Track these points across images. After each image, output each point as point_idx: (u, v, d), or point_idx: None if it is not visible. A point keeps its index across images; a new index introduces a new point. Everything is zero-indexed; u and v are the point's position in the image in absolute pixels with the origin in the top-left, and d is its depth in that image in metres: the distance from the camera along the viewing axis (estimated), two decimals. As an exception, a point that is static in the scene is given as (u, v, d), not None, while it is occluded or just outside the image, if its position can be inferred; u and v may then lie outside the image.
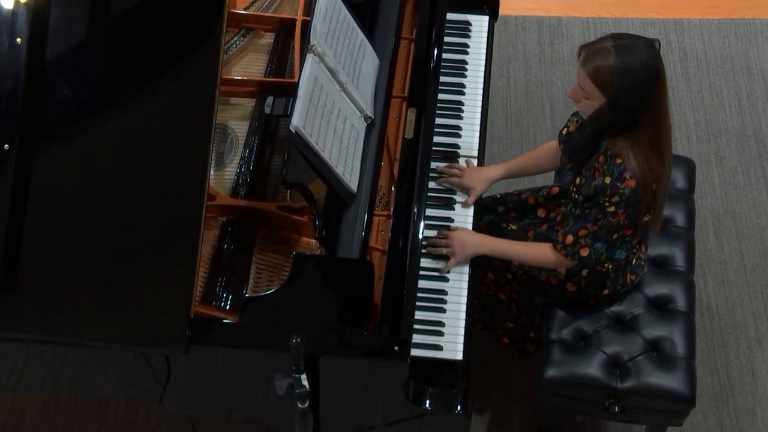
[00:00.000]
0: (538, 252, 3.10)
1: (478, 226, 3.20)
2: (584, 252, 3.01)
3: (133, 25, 2.96)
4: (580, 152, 3.03)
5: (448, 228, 3.14)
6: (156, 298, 2.74)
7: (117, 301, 2.75)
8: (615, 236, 2.99)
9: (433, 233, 3.12)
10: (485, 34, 3.55)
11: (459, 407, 2.83)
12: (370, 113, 3.16)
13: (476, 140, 3.34)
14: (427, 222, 3.10)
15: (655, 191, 2.93)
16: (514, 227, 3.32)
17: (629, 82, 2.80)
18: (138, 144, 2.86)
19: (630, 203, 2.90)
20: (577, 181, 3.05)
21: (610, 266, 3.11)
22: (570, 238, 3.01)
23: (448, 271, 3.06)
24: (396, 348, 2.77)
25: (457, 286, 3.05)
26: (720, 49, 4.62)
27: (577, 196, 3.03)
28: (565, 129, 3.18)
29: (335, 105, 3.01)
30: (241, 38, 3.41)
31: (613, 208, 2.92)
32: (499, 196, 3.43)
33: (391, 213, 3.04)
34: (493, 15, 3.59)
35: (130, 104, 2.88)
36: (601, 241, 2.99)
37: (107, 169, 2.83)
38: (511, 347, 3.57)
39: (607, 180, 2.91)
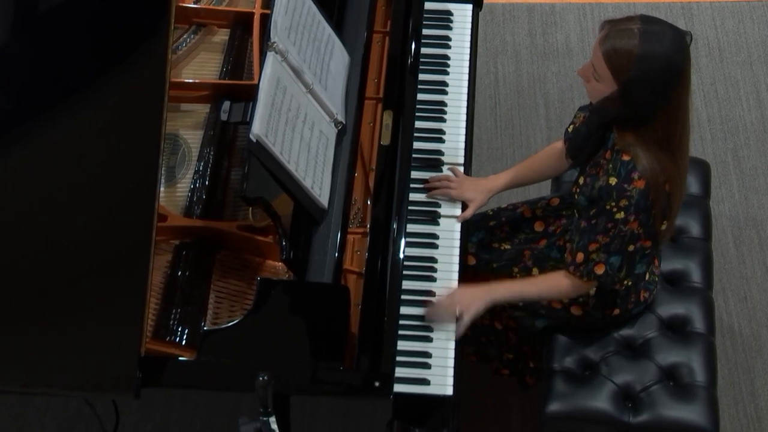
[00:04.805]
0: (552, 283, 3.08)
1: (466, 247, 3.19)
2: (599, 270, 2.99)
3: (65, 22, 2.95)
4: (584, 147, 3.04)
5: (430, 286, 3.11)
6: (100, 334, 2.72)
7: (54, 339, 2.72)
8: (632, 248, 2.98)
9: (416, 251, 3.11)
10: (469, 25, 3.56)
11: (450, 450, 2.83)
12: (340, 117, 3.16)
13: (462, 145, 3.34)
14: (408, 239, 3.10)
15: (669, 193, 2.93)
16: (507, 246, 3.32)
17: (645, 73, 2.79)
18: (75, 159, 2.84)
19: (641, 208, 2.90)
20: (581, 181, 3.04)
21: (630, 283, 3.11)
22: (580, 256, 2.99)
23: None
24: (377, 384, 2.76)
25: (445, 311, 3.05)
26: (734, 35, 4.65)
27: (579, 197, 3.02)
28: (571, 126, 3.19)
29: (301, 109, 3.01)
30: (192, 35, 3.41)
31: (622, 214, 2.91)
32: (491, 212, 3.43)
33: (368, 230, 3.03)
34: (478, 3, 3.60)
35: (65, 113, 2.86)
36: (616, 254, 2.97)
37: (39, 187, 2.82)
38: (509, 380, 3.56)
39: (613, 181, 2.91)
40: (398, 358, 2.89)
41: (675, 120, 2.87)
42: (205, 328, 2.89)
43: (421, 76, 3.39)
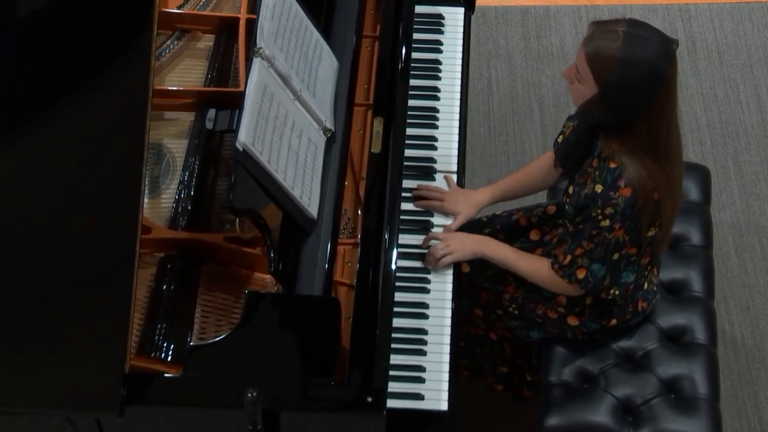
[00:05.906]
0: (538, 267, 3.13)
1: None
2: (580, 274, 3.02)
3: (44, 28, 2.94)
4: (572, 154, 3.05)
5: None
6: (83, 350, 2.71)
7: (35, 356, 2.71)
8: (616, 256, 2.99)
9: (408, 263, 3.12)
10: (461, 29, 3.56)
11: (446, 467, 2.82)
12: (329, 125, 3.16)
13: (455, 152, 3.34)
14: (400, 250, 3.10)
15: (658, 201, 2.94)
16: (502, 254, 3.33)
17: (626, 77, 2.80)
18: (56, 169, 2.83)
19: (627, 216, 2.91)
20: (570, 190, 3.06)
21: (617, 292, 3.12)
22: (568, 258, 3.03)
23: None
24: (369, 399, 2.75)
25: (439, 323, 3.05)
26: (734, 37, 4.65)
27: (567, 207, 3.04)
28: (561, 136, 3.20)
29: (289, 117, 3.01)
30: (176, 41, 3.40)
31: (608, 222, 2.92)
32: (485, 219, 3.43)
33: (358, 241, 3.03)
34: (470, 6, 3.60)
35: (44, 122, 2.86)
36: (599, 262, 2.99)
37: (18, 200, 2.81)
38: (506, 394, 3.56)
39: (599, 188, 2.92)
40: (391, 373, 2.89)
41: (658, 126, 2.88)
42: (191, 343, 2.87)
43: (412, 82, 3.39)
